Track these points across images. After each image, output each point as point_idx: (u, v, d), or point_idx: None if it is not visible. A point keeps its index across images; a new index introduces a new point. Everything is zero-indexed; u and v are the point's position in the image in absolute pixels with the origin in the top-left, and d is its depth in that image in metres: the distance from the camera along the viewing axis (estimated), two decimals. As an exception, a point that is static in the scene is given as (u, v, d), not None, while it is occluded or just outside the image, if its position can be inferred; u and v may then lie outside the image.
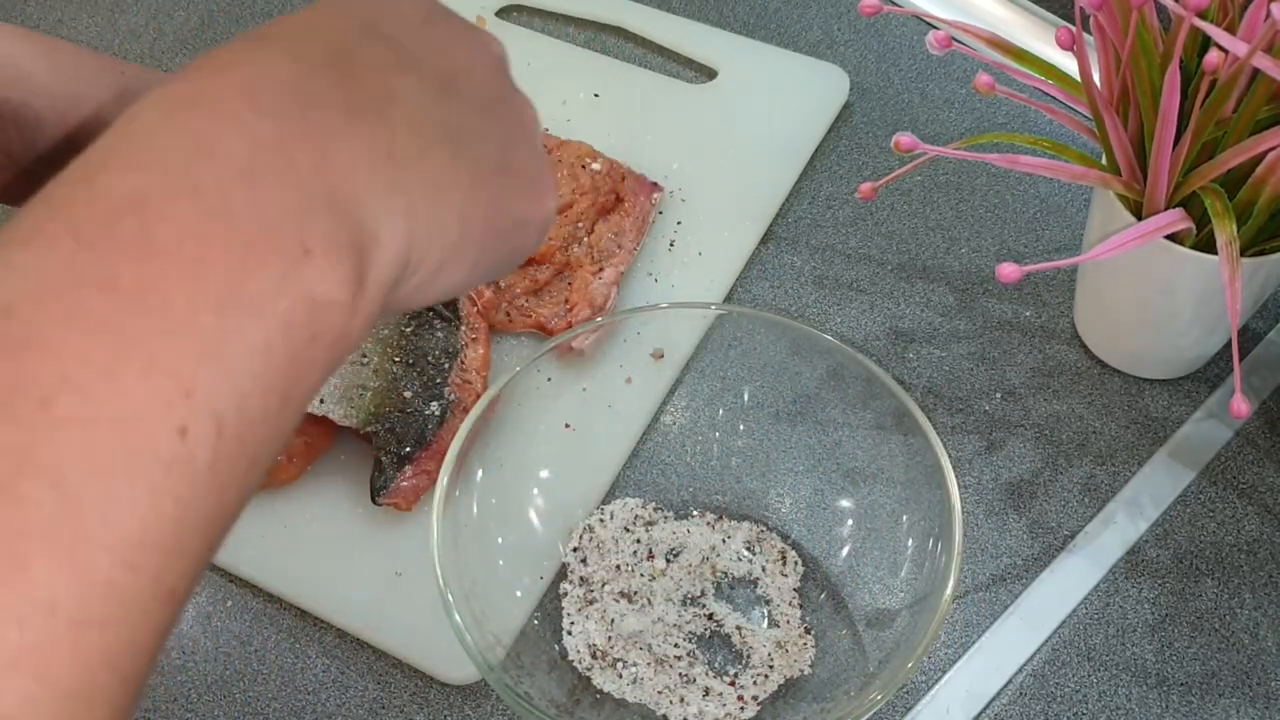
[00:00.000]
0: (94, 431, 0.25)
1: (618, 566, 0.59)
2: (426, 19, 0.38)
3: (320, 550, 0.60)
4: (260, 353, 0.28)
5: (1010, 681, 0.58)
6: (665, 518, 0.61)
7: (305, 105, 0.31)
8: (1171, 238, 0.58)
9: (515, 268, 0.45)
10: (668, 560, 0.60)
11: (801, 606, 0.58)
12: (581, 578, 0.59)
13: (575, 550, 0.60)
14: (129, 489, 0.25)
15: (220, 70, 0.31)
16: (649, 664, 0.56)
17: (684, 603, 0.58)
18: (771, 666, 0.56)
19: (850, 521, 0.59)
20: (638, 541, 0.60)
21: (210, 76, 0.31)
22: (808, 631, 0.58)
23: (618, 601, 0.58)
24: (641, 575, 0.59)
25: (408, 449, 0.60)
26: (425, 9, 0.38)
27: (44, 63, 0.44)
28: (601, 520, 0.61)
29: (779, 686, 0.55)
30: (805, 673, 0.56)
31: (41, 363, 0.25)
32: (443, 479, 0.55)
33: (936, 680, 0.58)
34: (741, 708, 0.55)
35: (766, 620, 0.58)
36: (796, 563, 0.59)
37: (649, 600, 0.58)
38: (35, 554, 0.24)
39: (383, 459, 0.60)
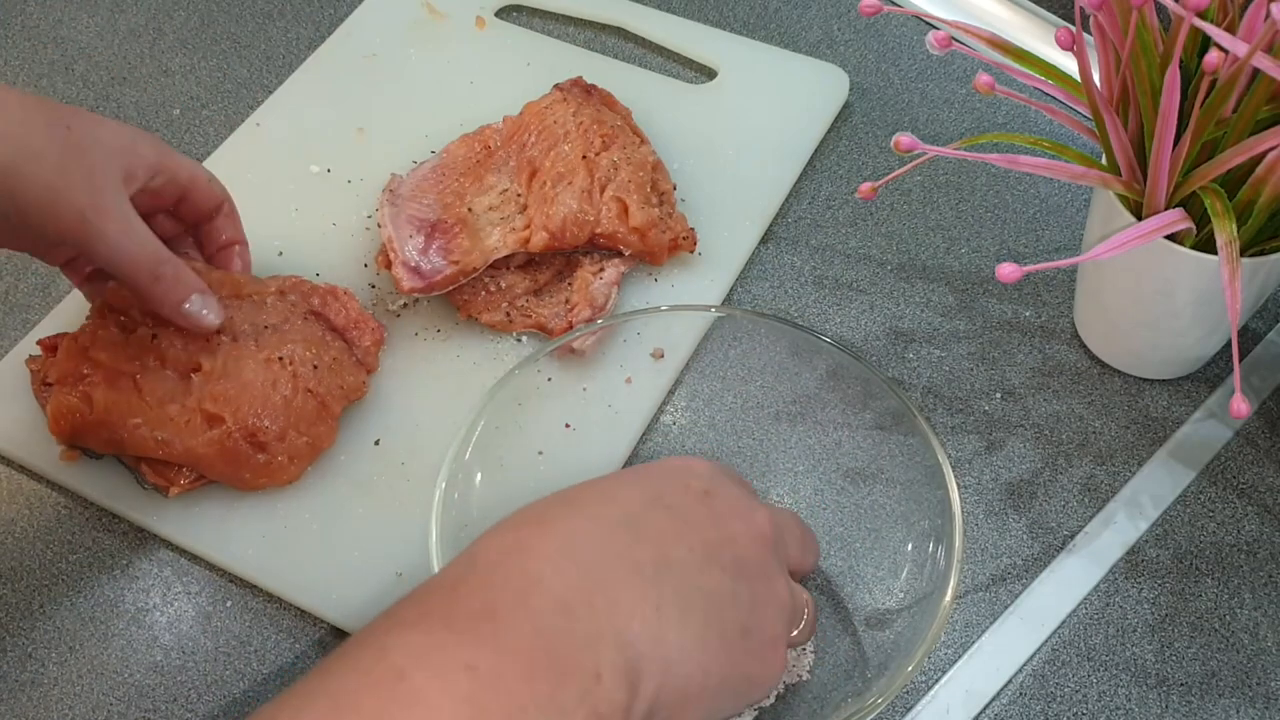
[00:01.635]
0: None
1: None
2: (706, 493, 0.48)
3: (320, 550, 0.60)
4: None
5: (1010, 681, 0.58)
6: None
7: (603, 560, 0.42)
8: (1171, 238, 0.58)
9: (737, 715, 0.52)
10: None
11: (801, 607, 0.58)
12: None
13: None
14: None
15: (541, 526, 0.43)
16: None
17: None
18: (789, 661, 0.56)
19: (850, 523, 0.59)
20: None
21: (534, 530, 0.43)
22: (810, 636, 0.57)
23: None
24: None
25: None
26: (706, 485, 0.48)
27: None
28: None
29: (777, 693, 0.55)
30: (803, 678, 0.56)
31: (419, 713, 0.36)
32: (441, 481, 0.55)
33: (936, 680, 0.58)
34: (739, 714, 0.55)
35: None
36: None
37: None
38: None
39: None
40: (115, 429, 0.60)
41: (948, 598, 0.51)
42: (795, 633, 0.51)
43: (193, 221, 0.65)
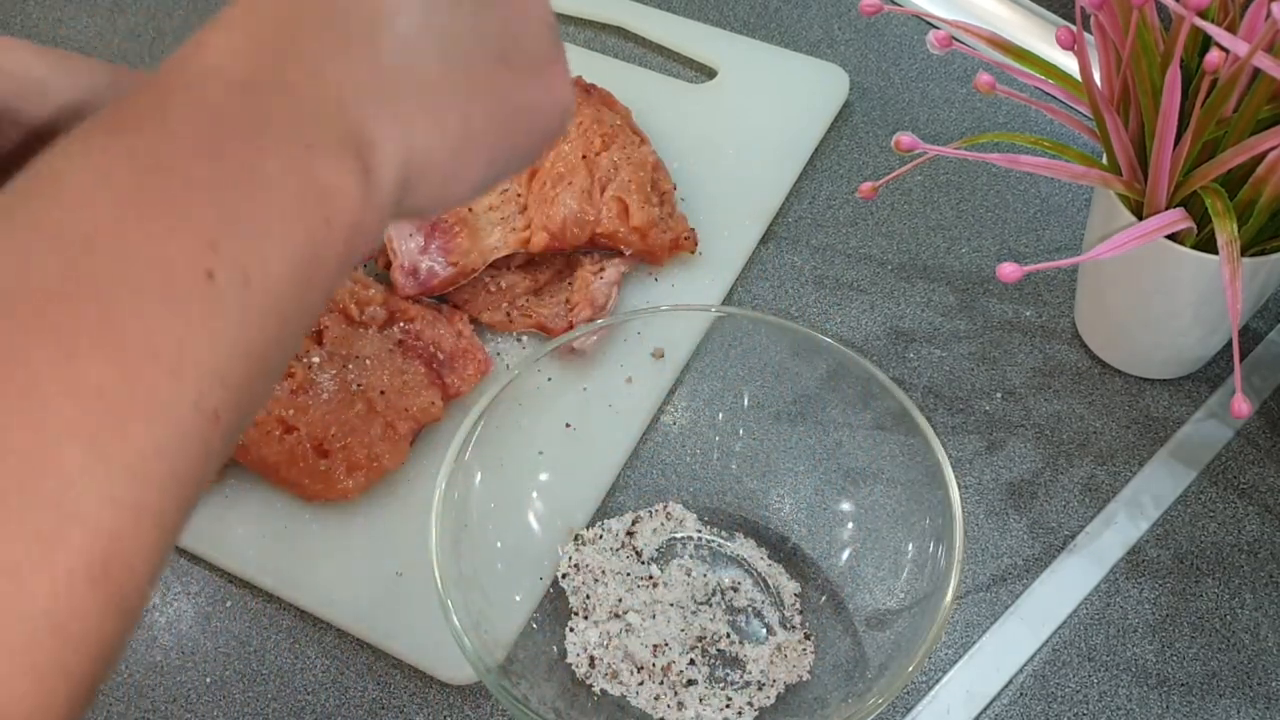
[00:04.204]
0: (130, 264, 0.29)
1: (616, 571, 0.59)
2: None
3: (320, 550, 0.60)
4: (276, 223, 0.31)
5: (1011, 682, 0.58)
6: (664, 522, 0.61)
7: (296, 38, 0.35)
8: (1172, 237, 0.58)
9: (538, 158, 0.45)
10: (665, 566, 0.60)
11: (801, 611, 0.58)
12: (581, 582, 0.59)
13: (574, 554, 0.60)
14: (164, 309, 0.29)
15: (228, 16, 0.35)
16: (647, 669, 0.56)
17: (683, 608, 0.58)
18: (771, 673, 0.56)
19: (851, 523, 0.59)
20: (636, 548, 0.60)
21: (219, 26, 0.35)
22: (807, 637, 0.57)
23: (617, 604, 0.58)
24: (640, 581, 0.59)
25: None
26: None
27: (59, 74, 0.45)
28: (602, 521, 0.61)
29: (778, 693, 0.55)
30: (804, 679, 0.56)
31: (79, 211, 0.29)
32: (441, 481, 0.54)
33: (937, 680, 0.57)
34: (740, 714, 0.55)
35: (766, 626, 0.58)
36: (797, 567, 0.59)
37: (648, 605, 0.58)
38: (84, 349, 0.27)
39: None
40: None
41: (948, 598, 0.51)
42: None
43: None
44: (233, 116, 0.32)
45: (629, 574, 0.59)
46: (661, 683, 0.56)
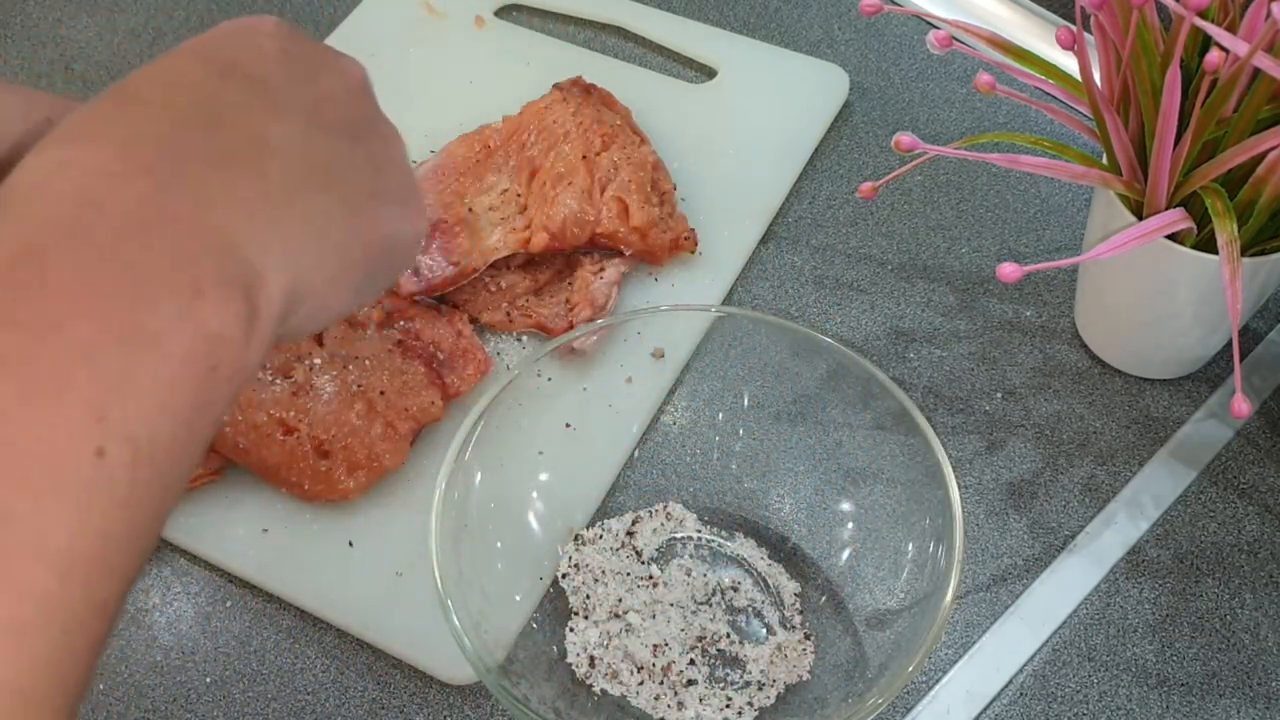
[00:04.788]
0: (17, 452, 0.27)
1: (616, 571, 0.59)
2: (284, 52, 0.39)
3: (320, 550, 0.60)
4: (165, 383, 0.30)
5: (1011, 682, 0.58)
6: (665, 522, 0.61)
7: (180, 160, 0.33)
8: (1172, 237, 0.58)
9: (391, 284, 0.47)
10: (665, 566, 0.60)
11: (801, 611, 0.58)
12: (581, 582, 0.59)
13: (574, 554, 0.60)
14: (55, 504, 0.27)
15: (92, 134, 0.33)
16: (647, 669, 0.56)
17: (683, 608, 0.58)
18: (771, 673, 0.56)
19: (851, 523, 0.59)
20: (636, 548, 0.60)
21: (85, 140, 0.33)
22: (807, 637, 0.57)
23: (617, 604, 0.58)
24: (640, 581, 0.59)
25: None
26: (281, 41, 0.39)
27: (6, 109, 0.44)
28: (602, 521, 0.61)
29: (778, 693, 0.55)
30: (804, 678, 0.56)
31: None
32: (441, 481, 0.54)
33: (937, 680, 0.57)
34: (740, 714, 0.55)
35: (766, 626, 0.58)
36: (797, 567, 0.59)
37: (648, 605, 0.58)
38: None
39: None
40: None
41: (948, 598, 0.51)
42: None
43: None
44: (117, 263, 0.30)
45: (629, 574, 0.59)
46: (661, 683, 0.56)
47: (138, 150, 0.33)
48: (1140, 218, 0.58)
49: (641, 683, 0.56)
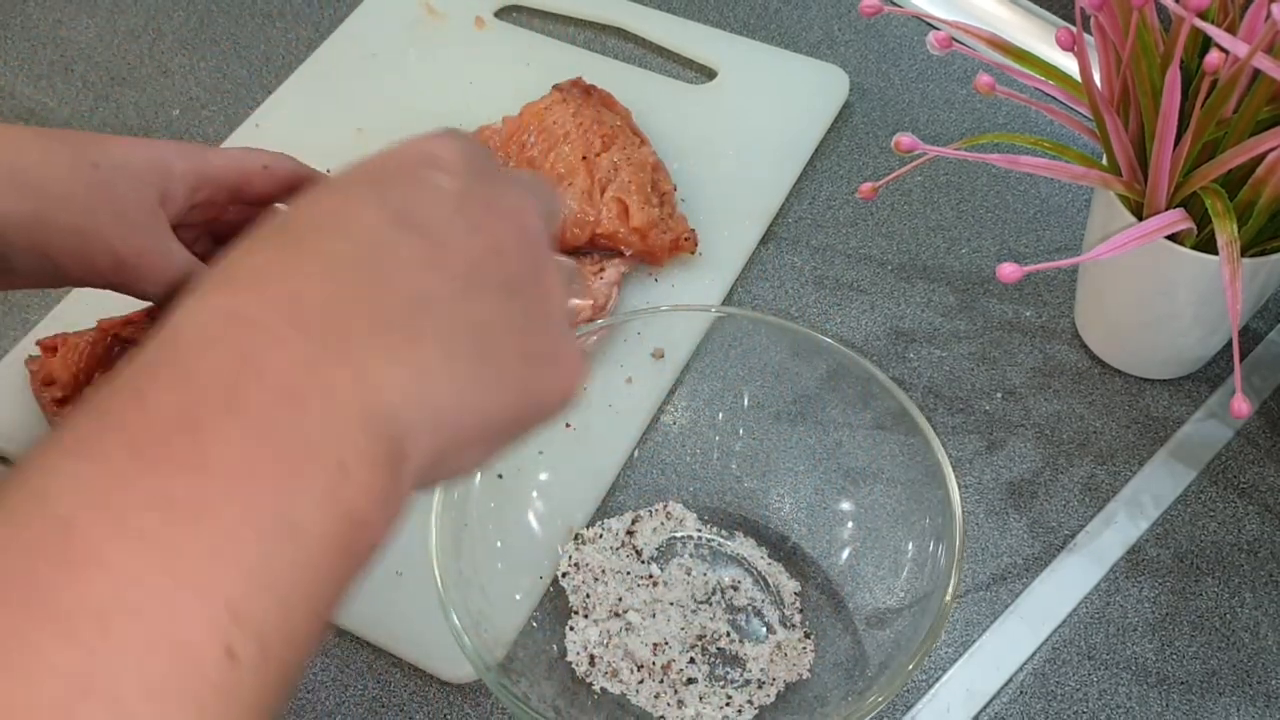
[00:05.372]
0: (149, 657, 0.26)
1: (616, 570, 0.59)
2: (460, 196, 0.38)
3: (320, 550, 0.60)
4: (301, 570, 0.29)
5: (1011, 680, 0.58)
6: (664, 521, 0.61)
7: (342, 322, 0.33)
8: (1172, 238, 0.58)
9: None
10: (665, 565, 0.60)
11: (801, 610, 0.58)
12: (581, 581, 0.59)
13: (574, 553, 0.60)
14: (179, 712, 0.26)
15: (258, 283, 0.33)
16: (647, 667, 0.56)
17: (683, 607, 0.58)
18: (771, 671, 0.56)
19: (851, 523, 0.59)
20: (636, 547, 0.60)
21: (249, 290, 0.33)
22: (807, 636, 0.57)
23: (617, 603, 0.58)
24: (640, 580, 0.59)
25: None
26: (459, 183, 0.38)
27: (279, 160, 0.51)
28: (602, 521, 0.61)
29: (778, 692, 0.55)
30: (804, 677, 0.56)
31: (100, 581, 0.26)
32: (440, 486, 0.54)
33: (937, 679, 0.57)
34: (739, 713, 0.55)
35: (766, 625, 0.58)
36: (797, 565, 0.59)
37: (648, 604, 0.58)
38: None
39: None
40: None
41: (948, 597, 0.51)
42: (575, 303, 0.45)
43: (264, 203, 0.59)
44: (271, 441, 0.30)
45: (629, 573, 0.59)
46: (661, 681, 0.56)
47: (302, 309, 0.33)
48: (1140, 218, 0.58)
49: (641, 681, 0.56)
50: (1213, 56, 0.50)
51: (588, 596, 0.58)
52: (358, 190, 0.37)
